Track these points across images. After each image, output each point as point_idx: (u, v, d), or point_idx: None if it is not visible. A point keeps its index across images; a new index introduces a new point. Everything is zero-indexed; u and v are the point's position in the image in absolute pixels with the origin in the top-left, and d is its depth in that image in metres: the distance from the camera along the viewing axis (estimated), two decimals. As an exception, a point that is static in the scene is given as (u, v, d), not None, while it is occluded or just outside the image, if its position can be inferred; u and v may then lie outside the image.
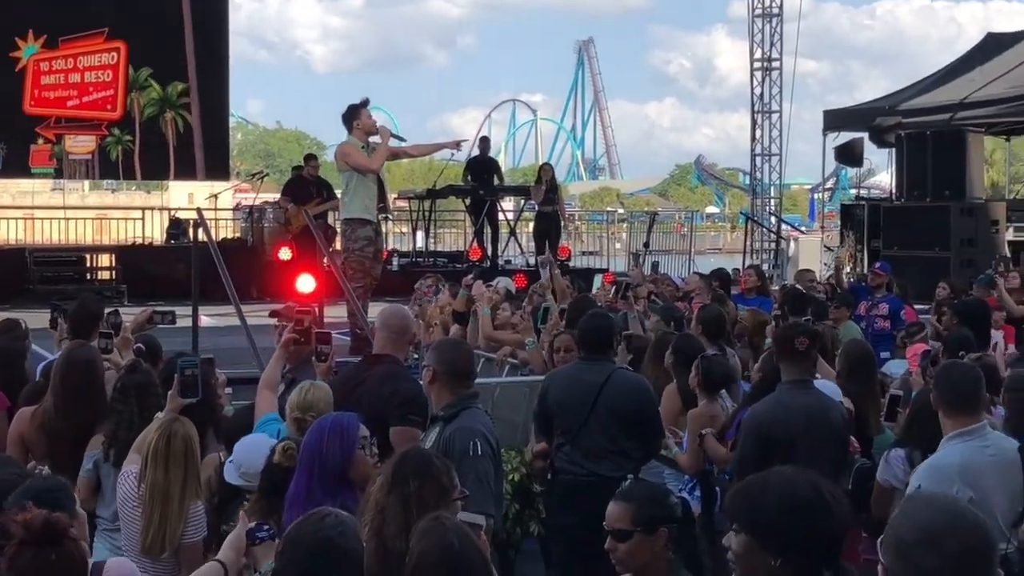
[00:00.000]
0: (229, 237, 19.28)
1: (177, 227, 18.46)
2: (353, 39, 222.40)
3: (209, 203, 19.44)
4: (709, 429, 5.69)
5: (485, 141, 19.00)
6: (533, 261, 16.67)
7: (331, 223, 15.73)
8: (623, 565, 3.44)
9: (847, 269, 16.28)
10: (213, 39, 19.75)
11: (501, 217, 18.47)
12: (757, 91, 23.33)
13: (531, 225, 18.30)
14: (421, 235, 19.22)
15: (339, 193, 11.65)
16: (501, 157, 74.38)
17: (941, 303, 9.55)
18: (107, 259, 18.09)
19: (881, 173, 30.06)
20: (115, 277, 17.26)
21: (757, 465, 4.00)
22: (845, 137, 19.87)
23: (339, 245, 12.05)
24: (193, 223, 10.83)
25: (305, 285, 8.70)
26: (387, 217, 17.31)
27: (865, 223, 17.49)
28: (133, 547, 4.26)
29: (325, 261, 11.22)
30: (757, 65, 23.36)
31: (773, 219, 23.28)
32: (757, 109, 23.39)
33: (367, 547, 3.15)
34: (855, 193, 26.70)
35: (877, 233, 17.20)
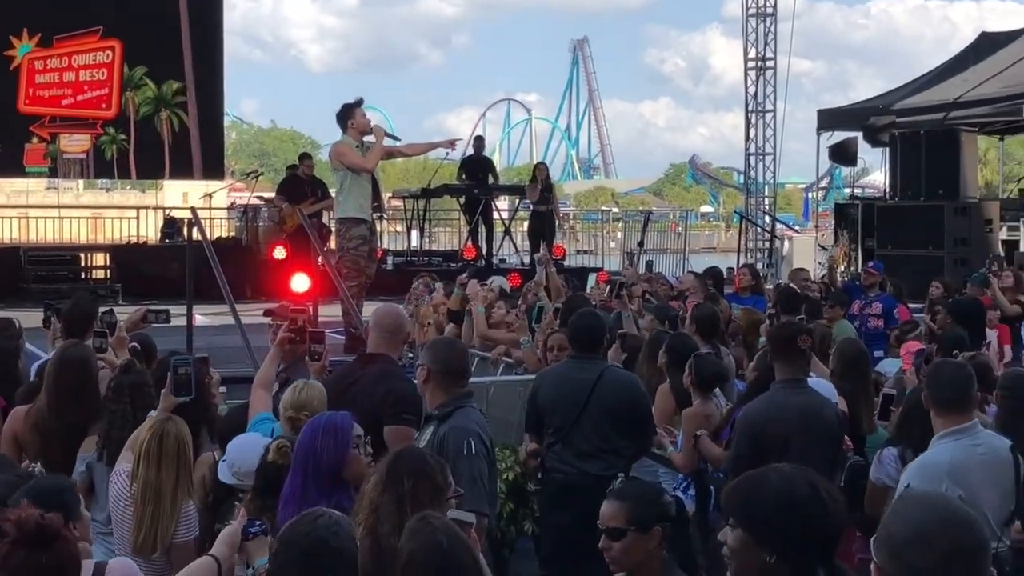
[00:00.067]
0: (223, 236, 19.31)
1: (171, 226, 18.49)
2: (348, 38, 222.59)
3: (203, 202, 19.44)
4: (703, 431, 5.70)
5: (480, 140, 19.03)
6: (528, 260, 16.65)
7: (325, 222, 15.74)
8: (617, 564, 3.43)
9: (841, 268, 16.31)
10: (208, 38, 19.75)
11: (496, 216, 18.46)
12: (751, 90, 23.37)
13: (526, 224, 18.28)
14: (416, 234, 19.20)
15: (333, 192, 11.66)
16: (496, 156, 74.20)
17: (935, 302, 9.55)
18: (102, 258, 18.09)
19: (875, 172, 30.19)
20: (109, 276, 17.28)
21: (751, 464, 3.99)
22: (839, 136, 19.87)
23: (334, 244, 12.09)
24: (188, 222, 10.82)
25: (299, 284, 8.73)
26: (382, 216, 17.28)
27: (859, 222, 17.52)
28: (125, 546, 4.24)
29: (320, 260, 11.22)
30: (751, 64, 23.40)
31: (767, 218, 23.29)
32: (751, 108, 23.42)
33: (361, 545, 3.14)
34: (849, 192, 26.79)
35: (871, 232, 17.22)
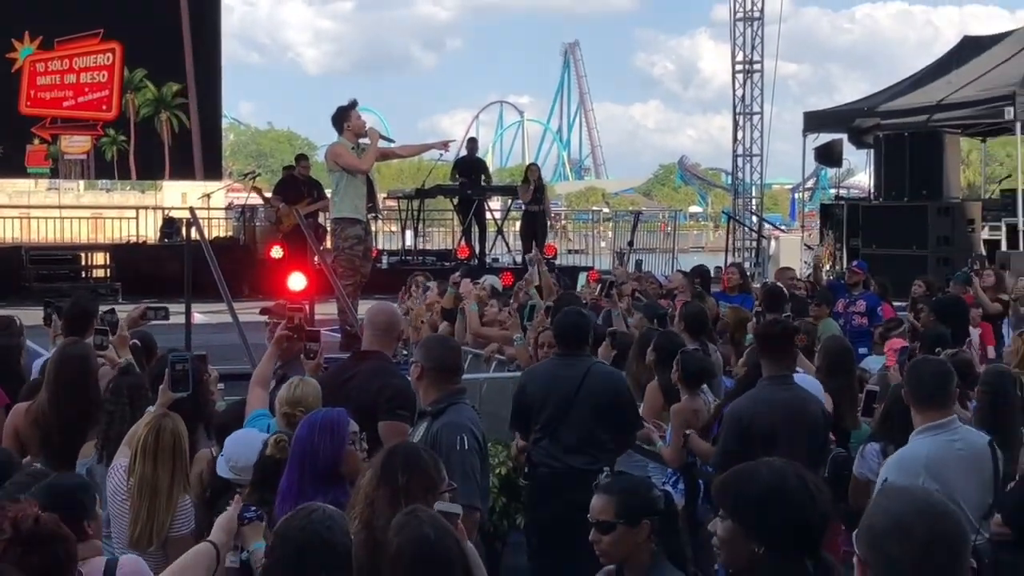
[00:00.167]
0: (221, 236, 19.34)
1: (170, 226, 18.50)
2: (343, 41, 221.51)
3: (202, 203, 19.47)
4: (691, 431, 5.76)
5: (473, 142, 19.05)
6: (520, 259, 16.74)
7: (321, 222, 15.80)
8: (607, 557, 3.46)
9: (827, 267, 16.39)
10: (207, 41, 19.75)
11: (488, 216, 18.50)
12: (739, 93, 23.42)
13: (518, 224, 18.35)
14: (410, 234, 19.28)
15: (329, 193, 11.71)
16: (489, 157, 74.24)
17: (918, 300, 9.63)
18: (102, 257, 18.09)
19: (860, 173, 30.19)
20: (109, 275, 17.27)
21: (739, 458, 4.03)
22: (825, 138, 19.84)
23: (329, 244, 12.15)
24: (186, 222, 10.86)
25: (296, 283, 8.77)
26: (376, 216, 17.34)
27: (844, 222, 17.53)
28: (122, 540, 4.25)
29: (316, 259, 11.29)
30: (739, 68, 23.44)
31: (754, 218, 23.29)
32: (739, 111, 23.47)
33: (356, 539, 3.18)
34: (835, 193, 26.73)
35: (856, 232, 17.25)
